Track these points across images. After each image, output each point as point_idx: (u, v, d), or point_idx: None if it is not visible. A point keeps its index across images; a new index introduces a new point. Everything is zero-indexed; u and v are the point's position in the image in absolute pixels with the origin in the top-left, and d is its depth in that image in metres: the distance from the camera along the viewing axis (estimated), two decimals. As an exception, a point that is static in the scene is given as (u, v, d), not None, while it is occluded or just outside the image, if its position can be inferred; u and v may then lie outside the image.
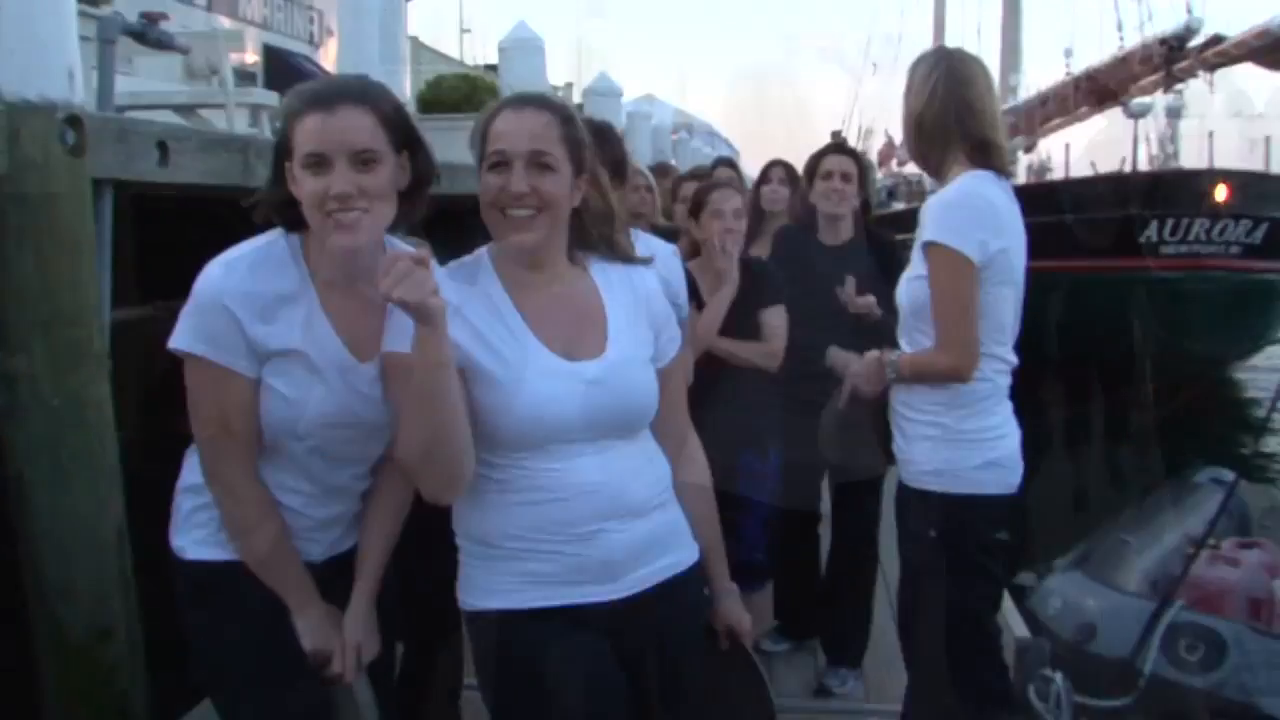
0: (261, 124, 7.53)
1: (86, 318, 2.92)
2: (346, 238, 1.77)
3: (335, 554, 2.03)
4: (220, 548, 1.94)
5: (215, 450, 1.87)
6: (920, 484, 2.55)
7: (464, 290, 1.84)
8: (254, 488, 1.89)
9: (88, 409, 2.91)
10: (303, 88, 1.80)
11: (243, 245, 1.87)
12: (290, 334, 1.83)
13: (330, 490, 1.98)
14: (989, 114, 2.52)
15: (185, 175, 3.52)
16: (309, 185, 1.75)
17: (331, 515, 2.01)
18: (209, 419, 1.85)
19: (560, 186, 1.82)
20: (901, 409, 2.63)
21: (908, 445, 2.59)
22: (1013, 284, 2.52)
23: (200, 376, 1.82)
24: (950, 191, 2.49)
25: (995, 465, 2.50)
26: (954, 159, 2.53)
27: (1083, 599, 4.94)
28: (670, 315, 2.03)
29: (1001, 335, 2.55)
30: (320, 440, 1.90)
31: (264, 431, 1.87)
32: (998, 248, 2.45)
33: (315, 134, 1.74)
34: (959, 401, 2.50)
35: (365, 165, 1.76)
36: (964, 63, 2.56)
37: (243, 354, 1.80)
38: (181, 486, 2.04)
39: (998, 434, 2.53)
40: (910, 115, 2.58)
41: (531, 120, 1.82)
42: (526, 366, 1.80)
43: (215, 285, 1.79)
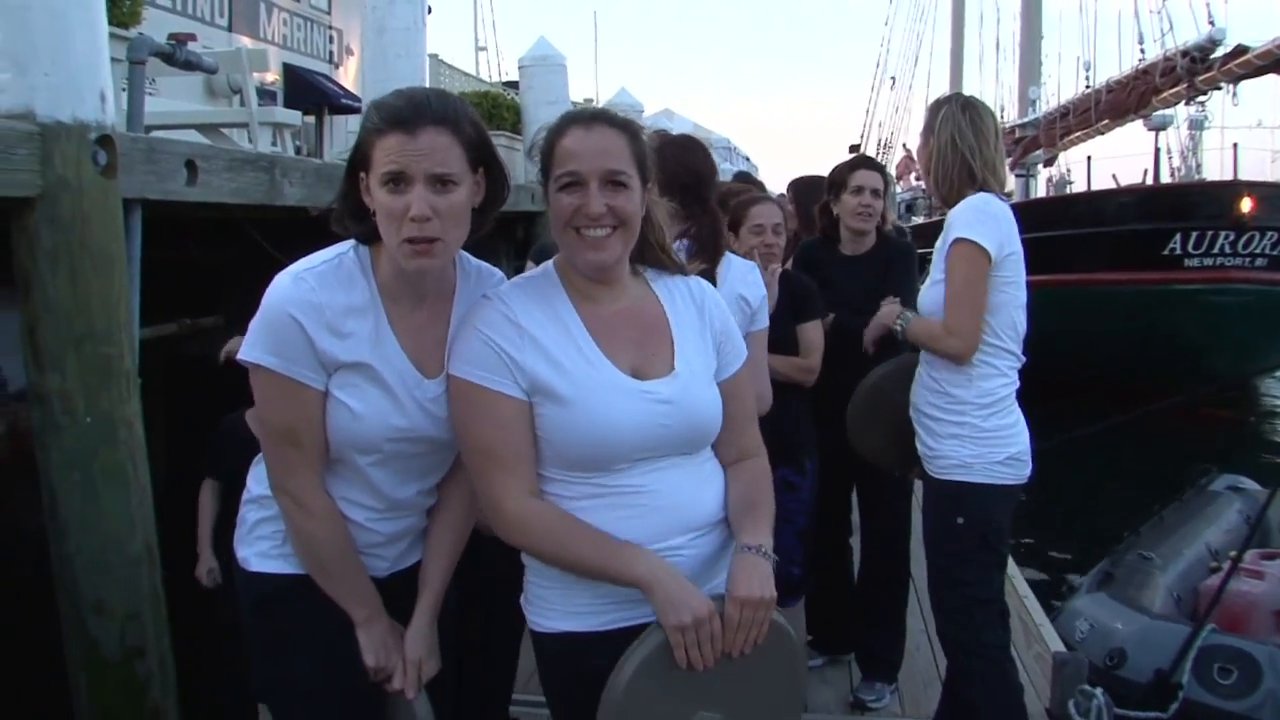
0: (284, 142, 7.59)
1: (117, 336, 2.95)
2: (423, 261, 1.77)
3: (399, 569, 2.03)
4: (285, 560, 1.95)
5: (283, 462, 1.87)
6: (950, 475, 2.82)
7: (532, 307, 1.84)
8: (321, 500, 1.89)
9: (119, 426, 2.94)
10: (385, 103, 1.78)
11: (312, 256, 1.86)
12: (358, 347, 1.82)
13: (395, 506, 1.98)
14: (994, 160, 2.91)
15: (213, 194, 3.56)
16: (386, 203, 1.75)
17: (397, 531, 2.01)
18: (277, 431, 1.85)
19: (634, 203, 1.82)
20: (928, 410, 2.87)
21: (936, 443, 2.85)
22: (1021, 287, 2.85)
23: (268, 388, 1.82)
24: (973, 200, 2.83)
25: (1015, 460, 2.80)
26: (966, 188, 2.88)
27: (1110, 622, 4.88)
28: (733, 328, 2.01)
29: (1014, 333, 2.85)
30: (385, 455, 1.91)
31: (330, 445, 1.87)
32: (1010, 250, 2.79)
33: (396, 154, 1.73)
34: (983, 402, 2.79)
35: (443, 186, 1.75)
36: (978, 113, 2.91)
37: (311, 366, 1.80)
38: (247, 498, 2.05)
39: (1015, 431, 2.83)
40: (930, 154, 2.93)
41: (603, 138, 1.81)
42: (597, 387, 1.79)
43: (284, 296, 1.79)
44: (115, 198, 2.98)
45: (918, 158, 3.07)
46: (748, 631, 1.72)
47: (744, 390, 2.02)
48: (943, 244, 2.81)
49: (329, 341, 1.80)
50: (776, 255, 3.53)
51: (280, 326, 1.78)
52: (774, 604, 1.75)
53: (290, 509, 1.89)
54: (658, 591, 1.69)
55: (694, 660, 1.68)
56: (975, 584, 2.81)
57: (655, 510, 1.81)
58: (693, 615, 1.68)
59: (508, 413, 1.78)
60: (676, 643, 1.68)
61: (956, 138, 2.86)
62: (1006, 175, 2.96)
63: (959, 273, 2.77)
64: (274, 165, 4.02)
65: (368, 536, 1.97)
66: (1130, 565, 5.60)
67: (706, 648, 1.69)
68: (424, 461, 1.97)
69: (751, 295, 2.93)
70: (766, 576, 1.77)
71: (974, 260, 2.75)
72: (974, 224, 2.76)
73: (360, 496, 1.94)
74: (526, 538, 1.79)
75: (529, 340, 1.79)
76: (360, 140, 1.82)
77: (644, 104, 12.36)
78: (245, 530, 2.03)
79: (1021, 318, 2.86)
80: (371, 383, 1.85)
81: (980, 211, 2.78)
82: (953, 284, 2.78)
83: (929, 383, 2.88)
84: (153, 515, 3.05)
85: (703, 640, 1.68)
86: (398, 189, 1.74)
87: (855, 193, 3.74)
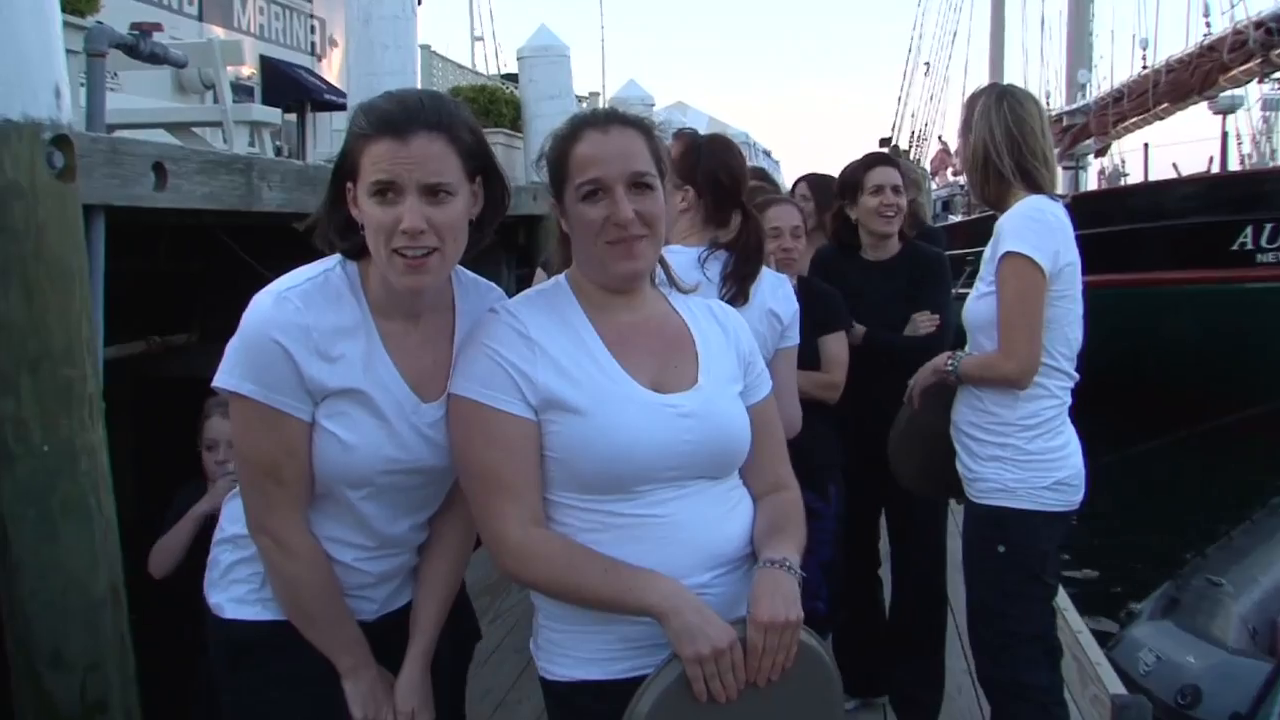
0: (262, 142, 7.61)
1: (78, 356, 2.93)
2: (416, 278, 1.76)
3: (389, 611, 2.02)
4: (263, 606, 1.94)
5: (263, 499, 1.86)
6: (991, 500, 2.82)
7: (544, 320, 1.83)
8: (305, 540, 1.88)
9: (80, 456, 2.92)
10: (373, 106, 1.78)
11: (295, 273, 1.86)
12: (349, 371, 1.81)
13: (387, 543, 1.97)
14: (1043, 151, 2.87)
15: (184, 200, 3.55)
16: (376, 215, 1.74)
17: (387, 570, 2.00)
18: (257, 465, 1.84)
19: (661, 205, 1.83)
20: (969, 429, 2.87)
21: (977, 465, 2.85)
22: (1077, 299, 2.83)
23: (248, 418, 1.81)
24: (1024, 208, 2.79)
25: (1064, 485, 2.79)
26: (1012, 188, 2.85)
27: (1180, 655, 4.82)
28: (756, 352, 2.02)
29: (1068, 350, 2.83)
30: (378, 488, 1.89)
31: (316, 479, 1.87)
32: (1066, 261, 2.76)
33: (386, 162, 1.72)
34: (1028, 423, 2.78)
35: (438, 198, 1.74)
36: (1018, 102, 2.88)
37: (296, 394, 1.79)
38: (220, 538, 2.04)
39: (1064, 453, 2.81)
40: (970, 152, 2.91)
41: (622, 139, 1.82)
42: (613, 400, 1.78)
43: (265, 318, 1.77)
44: (74, 204, 2.96)
45: (957, 157, 3.06)
46: (774, 657, 1.68)
47: (772, 418, 2.01)
48: (992, 254, 2.80)
49: (317, 366, 1.79)
50: (795, 261, 3.53)
51: (262, 351, 1.77)
52: (800, 624, 1.71)
53: (270, 550, 1.88)
54: (673, 620, 1.66)
55: (715, 693, 1.65)
56: (1018, 618, 2.79)
57: (677, 542, 1.78)
58: (711, 646, 1.64)
59: (514, 435, 1.77)
60: (695, 675, 1.64)
61: (997, 133, 2.83)
62: (1058, 171, 2.93)
63: (1011, 290, 2.74)
64: (251, 168, 4.01)
65: (355, 577, 1.96)
66: (1198, 591, 5.53)
67: (729, 678, 1.65)
68: (420, 494, 1.96)
69: (783, 310, 2.92)
70: (792, 595, 1.73)
71: (1028, 277, 2.72)
72: (1026, 235, 2.73)
73: (348, 534, 1.93)
74: (531, 569, 1.76)
75: (540, 353, 1.79)
76: (346, 147, 1.81)
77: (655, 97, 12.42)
78: (219, 574, 2.02)
79: (1077, 332, 2.84)
80: (364, 410, 1.84)
81: (1032, 220, 2.75)
82: (1005, 302, 2.75)
83: (971, 399, 2.88)
84: (119, 554, 3.02)
85: (723, 671, 1.65)
86: (388, 200, 1.73)
87: (874, 193, 3.72)
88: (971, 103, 2.95)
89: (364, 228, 1.78)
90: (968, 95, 3.05)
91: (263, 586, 1.94)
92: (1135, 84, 18.88)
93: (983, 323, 2.83)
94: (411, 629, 2.00)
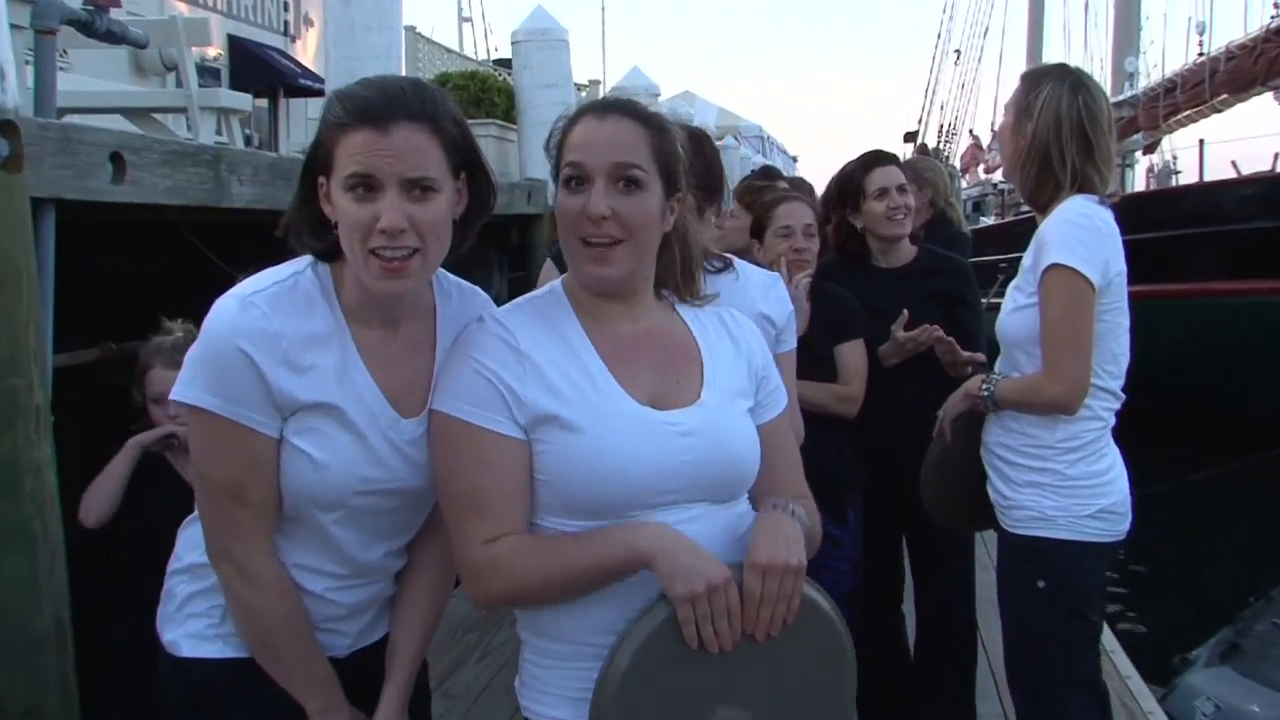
0: (231, 131, 7.61)
1: (24, 364, 2.91)
2: (395, 282, 1.77)
3: (363, 646, 2.04)
4: (224, 642, 1.95)
5: (226, 523, 1.86)
6: (1028, 530, 2.80)
7: (534, 329, 1.85)
8: (271, 568, 1.88)
9: (24, 475, 2.90)
10: (350, 94, 1.78)
11: (261, 276, 1.86)
12: (322, 383, 1.82)
13: (361, 571, 1.97)
14: (1109, 153, 2.84)
15: (145, 194, 3.55)
16: (351, 212, 1.74)
17: (361, 601, 2.00)
18: (219, 486, 1.84)
19: (648, 208, 1.82)
20: (1002, 453, 2.85)
21: (1013, 492, 2.84)
22: (1125, 311, 2.82)
23: (210, 435, 1.81)
24: (1070, 213, 2.75)
25: (1108, 513, 2.77)
26: (1064, 190, 2.81)
27: (1243, 704, 4.81)
28: (772, 365, 2.04)
29: (1115, 368, 2.82)
30: (352, 511, 1.89)
31: (284, 501, 1.87)
32: (1116, 271, 2.75)
33: (364, 154, 1.73)
34: (1069, 445, 2.77)
35: (420, 193, 1.75)
36: (1094, 97, 2.81)
37: (263, 408, 1.79)
38: (175, 568, 2.04)
39: (1109, 479, 2.80)
40: (1027, 144, 2.81)
41: (616, 129, 1.82)
42: (605, 416, 1.79)
43: (230, 325, 1.78)
44: (21, 197, 2.96)
45: (1003, 145, 2.96)
46: (773, 607, 1.68)
47: (787, 437, 2.05)
48: (1033, 263, 2.77)
49: (286, 378, 1.79)
50: (809, 262, 3.55)
51: (226, 361, 1.77)
52: (803, 572, 1.71)
53: (232, 579, 1.87)
54: (662, 560, 1.66)
55: (708, 639, 1.64)
56: (1062, 662, 2.78)
57: None
58: (706, 581, 1.64)
59: (501, 456, 1.77)
60: (686, 617, 1.64)
61: (1065, 127, 2.77)
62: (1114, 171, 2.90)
63: (1057, 306, 2.71)
64: (220, 159, 4.02)
65: (326, 609, 1.96)
66: (1263, 636, 5.53)
67: (723, 622, 1.65)
68: (398, 517, 1.97)
69: (776, 312, 2.87)
70: (795, 539, 1.73)
71: (1076, 291, 2.69)
72: (1073, 245, 2.69)
73: (319, 562, 1.93)
74: (503, 578, 1.75)
75: (530, 367, 1.79)
76: (320, 137, 1.81)
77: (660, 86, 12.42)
78: (174, 607, 2.02)
79: (1124, 347, 2.82)
80: (338, 425, 1.84)
81: (1079, 227, 2.72)
82: (1050, 320, 2.72)
83: (1005, 419, 2.87)
84: (66, 585, 3.01)
85: (718, 614, 1.64)
86: (365, 195, 1.74)
87: (879, 196, 3.72)
88: (1034, 82, 2.87)
89: (337, 226, 1.78)
90: (1024, 74, 2.98)
91: (223, 621, 1.94)
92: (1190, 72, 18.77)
93: (1019, 338, 2.81)
94: (388, 665, 2.01)
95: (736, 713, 1.69)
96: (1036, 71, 2.94)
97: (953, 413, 2.99)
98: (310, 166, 1.83)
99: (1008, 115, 2.92)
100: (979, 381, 2.92)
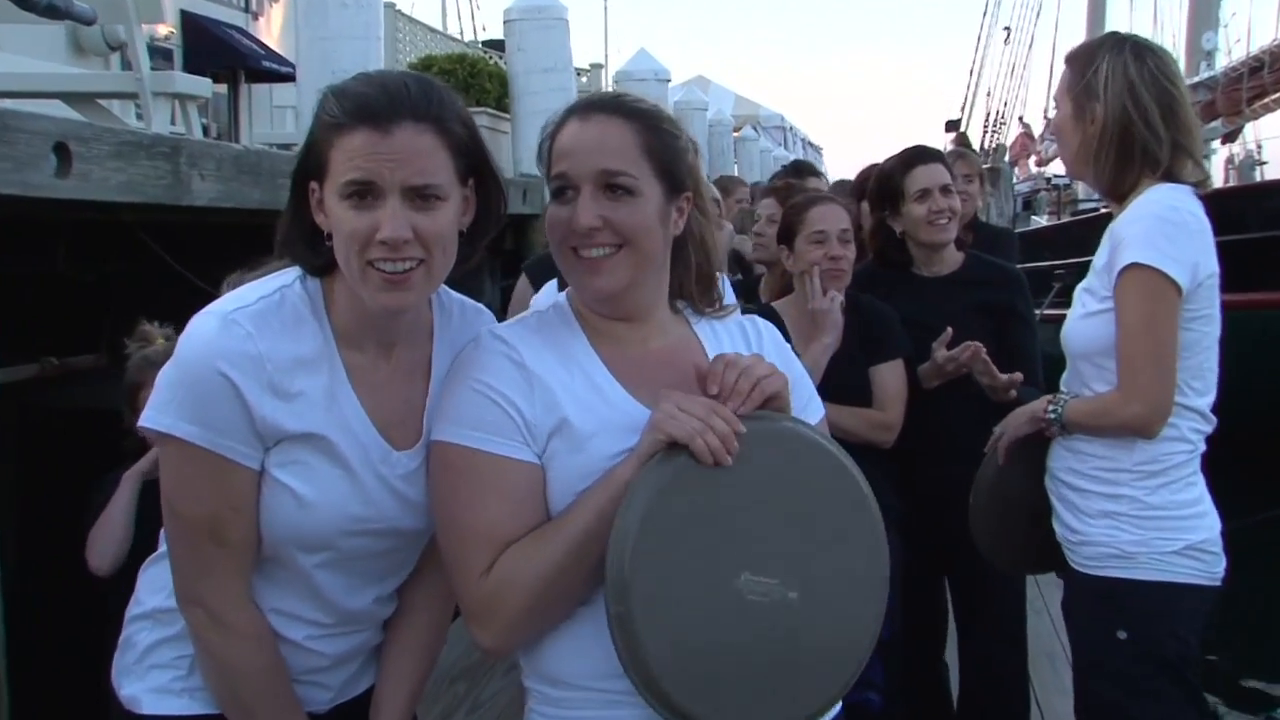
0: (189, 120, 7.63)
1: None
2: (396, 297, 1.77)
3: (346, 699, 2.05)
4: (191, 698, 1.94)
5: (198, 563, 1.85)
6: (1102, 570, 2.71)
7: (541, 348, 1.86)
8: (247, 614, 1.88)
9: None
10: (347, 90, 1.78)
11: (244, 290, 1.87)
12: (309, 412, 1.82)
13: (346, 618, 1.98)
14: (1194, 126, 2.77)
15: (94, 190, 3.57)
16: (348, 222, 1.74)
17: (345, 651, 2.01)
18: (193, 523, 1.83)
19: (642, 214, 1.82)
20: (1070, 479, 2.78)
21: (1082, 524, 2.75)
22: (1215, 320, 2.73)
23: (184, 467, 1.81)
24: (1152, 204, 2.66)
25: (1198, 550, 2.66)
26: (1144, 177, 2.73)
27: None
28: (803, 379, 2.03)
29: (1203, 384, 2.73)
30: (339, 553, 1.90)
31: (264, 540, 1.87)
32: (1207, 273, 2.66)
33: (363, 158, 1.73)
34: (1148, 469, 2.67)
35: (424, 203, 1.76)
36: (1163, 60, 2.77)
37: (244, 438, 1.79)
38: (136, 613, 2.04)
39: (1198, 510, 2.70)
40: (1099, 127, 2.73)
41: (601, 131, 1.83)
42: (616, 430, 1.79)
43: (210, 346, 1.77)
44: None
45: (1064, 140, 2.89)
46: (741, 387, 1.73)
47: None
48: (1108, 262, 2.69)
49: (271, 405, 1.79)
50: (845, 272, 3.53)
51: (205, 386, 1.77)
52: (777, 378, 1.76)
53: (203, 626, 1.87)
54: (647, 433, 1.70)
55: (715, 449, 1.66)
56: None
57: None
58: (703, 406, 1.68)
59: (518, 484, 1.77)
60: (697, 445, 1.65)
61: (1145, 98, 2.69)
62: (1203, 150, 2.82)
63: (1136, 313, 2.62)
64: (179, 152, 4.04)
65: (307, 660, 1.96)
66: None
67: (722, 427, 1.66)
68: (388, 561, 1.98)
69: None
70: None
71: (1159, 295, 2.60)
72: (1157, 240, 2.61)
73: (300, 607, 1.94)
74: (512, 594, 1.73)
75: (538, 385, 1.79)
76: (312, 139, 1.81)
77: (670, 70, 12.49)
78: (134, 658, 2.01)
79: (1213, 360, 2.74)
80: (325, 458, 1.85)
81: (1165, 221, 2.63)
82: (1127, 329, 2.63)
83: (1073, 441, 2.80)
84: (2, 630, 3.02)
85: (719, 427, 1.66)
86: (364, 203, 1.74)
87: (920, 198, 3.70)
88: (1087, 60, 2.79)
89: (331, 238, 1.78)
90: (1069, 55, 2.90)
91: (191, 673, 1.94)
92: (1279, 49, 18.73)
93: (1089, 348, 2.74)
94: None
95: (764, 579, 1.71)
96: (1084, 47, 2.87)
97: (1013, 435, 2.92)
98: (302, 172, 1.84)
99: (1063, 105, 2.86)
100: (1045, 403, 2.83)
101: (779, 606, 1.72)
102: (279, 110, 15.28)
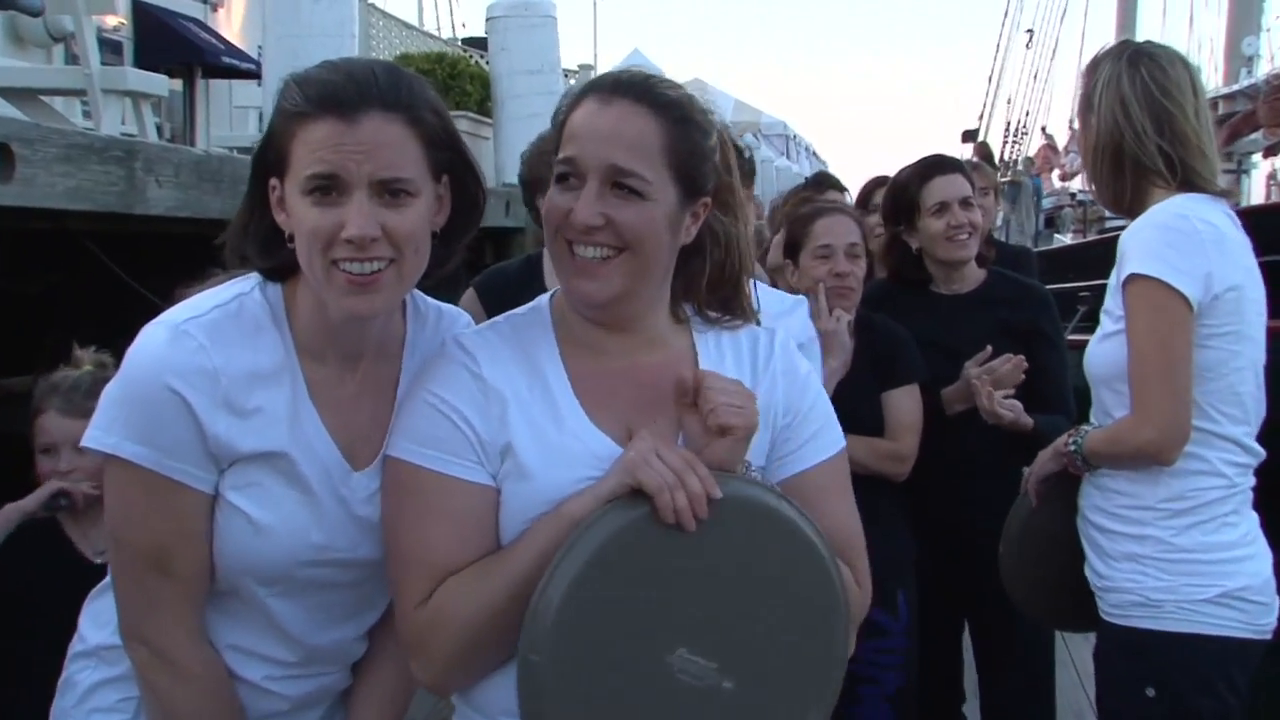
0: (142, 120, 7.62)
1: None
2: (363, 300, 1.78)
3: None
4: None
5: (143, 596, 1.86)
6: (1127, 620, 2.68)
7: (504, 357, 1.85)
8: (198, 652, 1.89)
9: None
10: (310, 78, 1.79)
11: (199, 299, 1.87)
12: (269, 430, 1.83)
13: (312, 658, 1.98)
14: (1196, 133, 2.76)
15: (39, 196, 3.57)
16: (311, 219, 1.75)
17: (307, 693, 2.01)
18: (139, 552, 1.84)
19: (649, 218, 1.80)
20: (1096, 518, 2.76)
21: (1107, 568, 2.74)
22: (1249, 339, 2.70)
23: (129, 491, 1.82)
24: (1158, 213, 2.68)
25: (1237, 599, 2.62)
26: (1153, 188, 2.76)
27: None
28: (815, 409, 2.00)
29: (1238, 411, 2.69)
30: (298, 584, 1.90)
31: (217, 570, 1.87)
32: (1226, 285, 2.63)
33: (327, 150, 1.73)
34: (1175, 508, 2.65)
35: (394, 198, 1.77)
36: (1160, 66, 2.77)
37: (196, 459, 1.80)
38: (78, 650, 2.05)
39: (1239, 555, 2.66)
40: (1094, 138, 2.80)
41: (621, 118, 1.81)
42: (568, 462, 1.79)
43: (158, 359, 1.78)
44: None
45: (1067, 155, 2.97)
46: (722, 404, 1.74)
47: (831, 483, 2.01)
48: (1115, 278, 2.71)
49: (225, 423, 1.80)
50: (853, 289, 3.54)
51: (153, 403, 1.77)
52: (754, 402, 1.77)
53: (149, 666, 1.87)
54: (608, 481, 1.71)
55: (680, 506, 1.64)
56: None
57: None
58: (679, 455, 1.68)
59: (462, 505, 1.77)
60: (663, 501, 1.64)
61: (1133, 108, 2.74)
62: (1217, 161, 2.83)
63: (1143, 328, 2.62)
64: (134, 156, 4.05)
65: (265, 703, 1.97)
66: None
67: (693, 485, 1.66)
68: (356, 594, 1.97)
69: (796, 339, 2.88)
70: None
71: (1163, 307, 2.60)
72: (1159, 249, 2.62)
73: (259, 644, 1.94)
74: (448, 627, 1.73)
75: (494, 398, 1.79)
76: (273, 129, 1.82)
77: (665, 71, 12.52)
78: (74, 700, 2.02)
79: (1249, 385, 2.70)
80: (283, 480, 1.85)
81: (1168, 229, 2.64)
82: (1135, 345, 2.63)
83: (1099, 477, 2.79)
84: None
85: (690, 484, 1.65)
86: (328, 199, 1.74)
87: (938, 212, 3.72)
88: (1092, 69, 2.86)
89: (292, 237, 1.78)
90: (1088, 65, 2.95)
91: (136, 716, 1.96)
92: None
93: (1108, 373, 2.74)
94: None
95: (700, 660, 1.67)
96: (1096, 56, 2.92)
97: (1040, 473, 2.93)
98: (260, 165, 1.84)
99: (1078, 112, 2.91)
100: (1068, 436, 2.84)
101: (709, 694, 1.67)
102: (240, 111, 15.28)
